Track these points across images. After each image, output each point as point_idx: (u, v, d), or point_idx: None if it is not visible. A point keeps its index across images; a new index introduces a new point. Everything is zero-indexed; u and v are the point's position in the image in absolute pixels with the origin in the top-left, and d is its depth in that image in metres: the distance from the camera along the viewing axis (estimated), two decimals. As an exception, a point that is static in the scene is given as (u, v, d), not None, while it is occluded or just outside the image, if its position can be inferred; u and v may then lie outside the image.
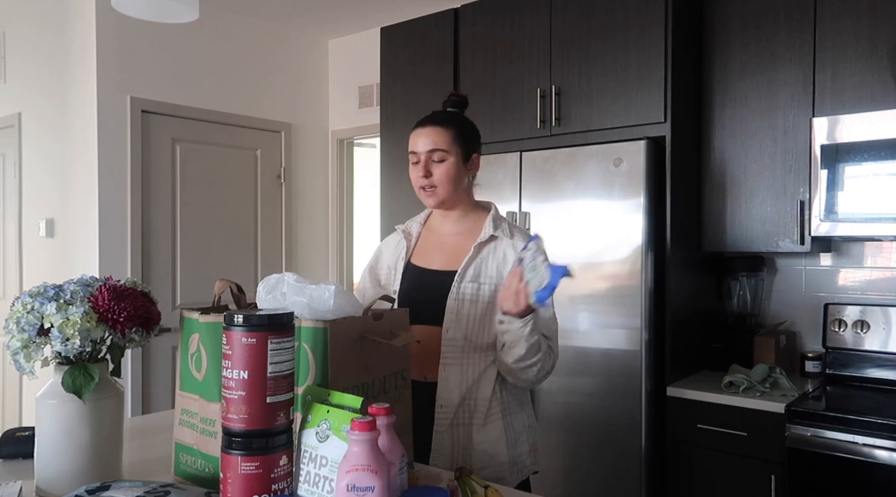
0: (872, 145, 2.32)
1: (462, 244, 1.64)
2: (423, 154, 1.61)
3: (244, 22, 4.00)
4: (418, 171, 1.62)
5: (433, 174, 1.60)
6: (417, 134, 1.65)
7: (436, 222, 1.72)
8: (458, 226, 1.68)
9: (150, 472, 1.25)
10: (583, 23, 2.70)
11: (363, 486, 0.88)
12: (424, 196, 1.63)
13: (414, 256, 1.69)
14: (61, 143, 3.63)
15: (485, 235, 1.62)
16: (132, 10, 1.75)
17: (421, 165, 1.61)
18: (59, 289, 1.15)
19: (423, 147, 1.62)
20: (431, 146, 1.61)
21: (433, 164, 1.61)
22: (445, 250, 1.66)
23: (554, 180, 2.65)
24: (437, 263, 1.64)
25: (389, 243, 1.78)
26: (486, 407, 1.56)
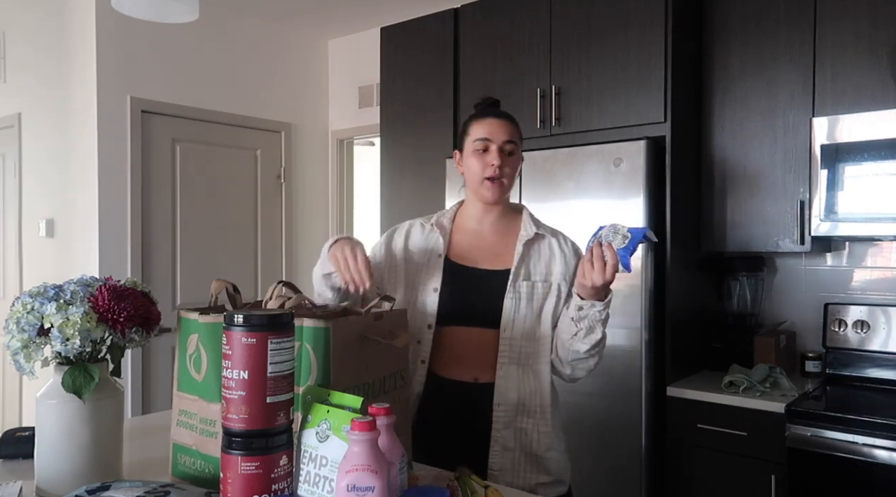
0: (872, 145, 2.32)
1: (503, 243, 1.60)
2: (498, 143, 1.54)
3: (244, 22, 4.00)
4: (489, 160, 1.54)
5: (505, 164, 1.54)
6: (491, 123, 1.56)
7: (472, 219, 1.64)
8: (497, 224, 1.62)
9: (150, 472, 1.25)
10: (583, 23, 2.70)
11: (363, 486, 0.88)
12: (488, 187, 1.55)
13: (452, 254, 1.60)
14: (61, 144, 3.63)
15: (530, 233, 1.59)
16: (132, 10, 1.75)
17: (494, 154, 1.53)
18: (59, 289, 1.15)
19: (500, 136, 1.54)
20: (508, 137, 1.55)
21: (504, 156, 1.55)
22: (487, 249, 1.60)
23: (554, 180, 2.65)
24: (484, 263, 1.58)
25: (413, 235, 1.66)
26: (548, 403, 1.56)
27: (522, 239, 1.59)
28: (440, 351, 1.55)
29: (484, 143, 1.54)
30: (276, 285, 1.29)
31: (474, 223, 1.63)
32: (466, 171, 1.59)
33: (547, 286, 1.55)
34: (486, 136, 1.54)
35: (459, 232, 1.64)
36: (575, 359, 1.52)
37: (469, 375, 1.54)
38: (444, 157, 3.05)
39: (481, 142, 1.55)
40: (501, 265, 1.57)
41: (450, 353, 1.55)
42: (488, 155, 1.54)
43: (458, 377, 1.54)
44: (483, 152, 1.55)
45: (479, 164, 1.55)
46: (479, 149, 1.55)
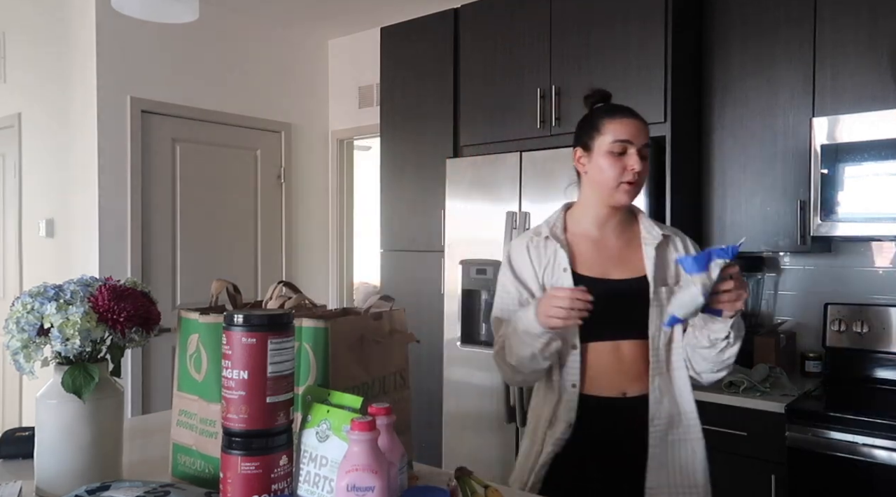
0: (872, 145, 2.32)
1: (627, 248, 1.52)
2: (639, 146, 1.45)
3: (244, 22, 4.00)
4: (630, 164, 1.44)
5: (642, 170, 1.46)
6: (631, 124, 1.46)
7: (591, 225, 1.53)
8: (619, 228, 1.53)
9: (150, 472, 1.25)
10: (583, 23, 2.70)
11: (363, 486, 0.88)
12: (625, 191, 1.46)
13: (577, 266, 1.49)
14: (61, 143, 3.63)
15: (656, 236, 1.51)
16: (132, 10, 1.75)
17: (635, 158, 1.44)
18: (59, 289, 1.15)
19: (640, 139, 1.45)
20: (646, 140, 1.46)
21: (642, 159, 1.46)
22: (614, 257, 1.51)
23: (554, 180, 2.65)
24: (614, 272, 1.49)
25: (531, 252, 1.54)
26: (695, 410, 1.50)
27: (650, 242, 1.50)
28: (584, 369, 1.47)
29: (623, 145, 1.45)
30: (276, 285, 1.29)
31: (595, 229, 1.53)
32: (596, 172, 1.48)
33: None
34: (628, 138, 1.45)
35: (577, 240, 1.53)
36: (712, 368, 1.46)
37: (616, 390, 1.47)
38: (445, 156, 3.05)
39: (621, 144, 1.45)
40: (633, 272, 1.48)
41: (595, 370, 1.47)
42: (628, 158, 1.44)
43: (606, 393, 1.47)
44: (620, 155, 1.45)
45: (617, 166, 1.45)
46: (616, 151, 1.45)
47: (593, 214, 1.53)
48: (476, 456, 2.85)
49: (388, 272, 3.37)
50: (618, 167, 1.45)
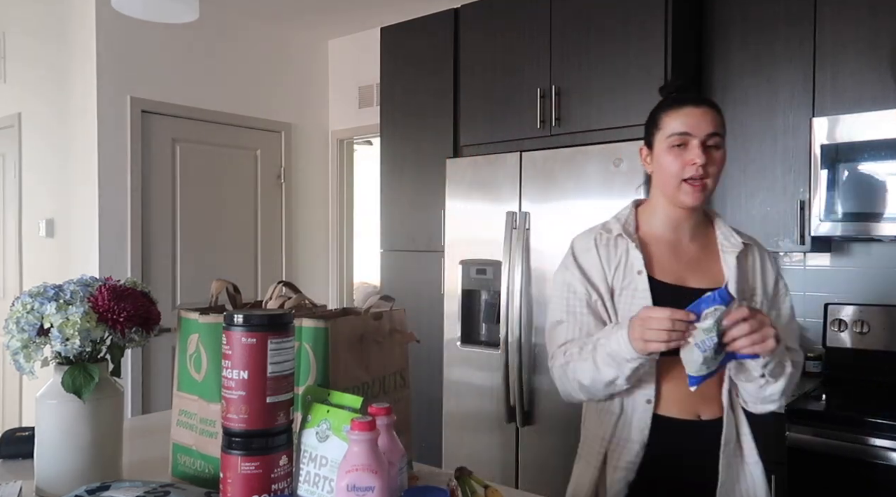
0: (872, 145, 2.32)
1: (704, 254, 1.40)
2: (700, 137, 1.30)
3: (244, 22, 4.00)
4: (690, 157, 1.30)
5: (709, 162, 1.31)
6: (690, 113, 1.32)
7: (666, 227, 1.40)
8: (694, 231, 1.40)
9: (150, 472, 1.25)
10: (583, 23, 2.70)
11: (363, 486, 0.88)
12: (688, 191, 1.32)
13: (652, 270, 1.36)
14: (61, 143, 3.63)
15: (736, 243, 1.39)
16: (132, 10, 1.75)
17: (696, 151, 1.30)
18: (59, 289, 1.15)
19: (703, 128, 1.31)
20: (712, 128, 1.31)
21: (709, 151, 1.31)
22: (691, 263, 1.38)
23: (554, 180, 2.65)
24: (691, 280, 1.36)
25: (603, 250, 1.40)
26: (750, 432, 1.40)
27: (729, 250, 1.38)
28: (659, 386, 1.35)
29: (682, 137, 1.31)
30: (276, 285, 1.29)
31: (669, 231, 1.40)
32: (658, 170, 1.37)
33: (756, 303, 1.37)
34: (685, 130, 1.31)
35: (650, 240, 1.40)
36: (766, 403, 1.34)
37: (690, 412, 1.35)
38: (444, 156, 3.05)
39: (679, 137, 1.32)
40: (711, 282, 1.35)
41: (669, 387, 1.35)
42: (688, 152, 1.31)
43: (678, 414, 1.35)
44: (681, 148, 1.32)
45: (677, 162, 1.32)
46: (675, 144, 1.32)
47: (664, 215, 1.40)
48: (476, 456, 2.85)
49: (388, 272, 3.37)
50: (678, 163, 1.32)
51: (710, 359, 1.16)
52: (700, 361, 1.17)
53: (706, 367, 1.18)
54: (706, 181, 1.32)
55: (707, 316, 1.15)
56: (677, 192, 1.34)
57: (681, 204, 1.35)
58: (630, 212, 1.44)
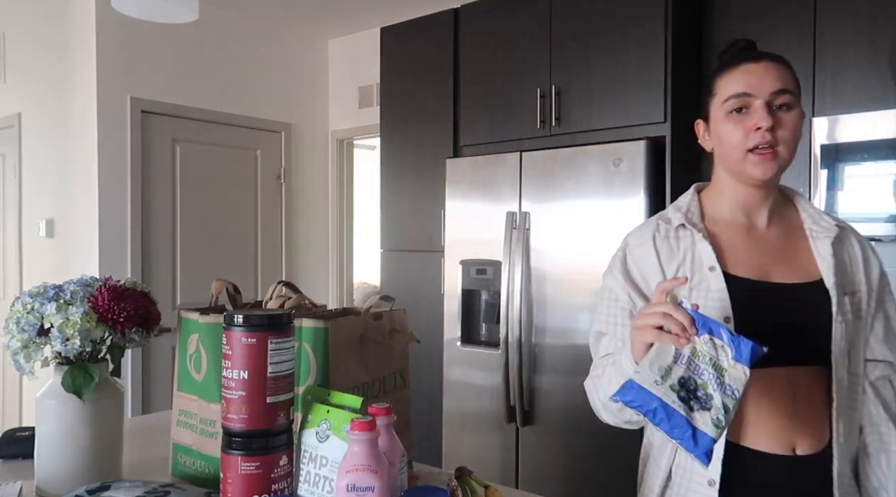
0: (872, 145, 2.32)
1: (788, 242, 1.15)
2: (764, 96, 1.07)
3: (244, 22, 4.00)
4: (754, 121, 1.07)
5: (779, 126, 1.07)
6: (750, 69, 1.09)
7: (737, 211, 1.16)
8: (773, 214, 1.16)
9: (150, 472, 1.25)
10: (583, 23, 2.70)
11: (363, 486, 0.88)
12: (755, 162, 1.08)
13: (726, 263, 1.12)
14: (61, 143, 3.63)
15: (830, 227, 1.14)
16: (132, 10, 1.75)
17: (760, 112, 1.06)
18: (59, 289, 1.15)
19: (767, 85, 1.07)
20: (779, 84, 1.08)
21: (777, 113, 1.08)
22: (773, 253, 1.13)
23: (554, 180, 2.65)
24: (777, 273, 1.11)
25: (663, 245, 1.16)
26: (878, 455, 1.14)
27: (821, 236, 1.13)
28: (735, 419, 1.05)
29: (741, 100, 1.09)
30: (276, 285, 1.29)
31: (742, 216, 1.16)
32: (718, 144, 1.14)
33: (860, 300, 1.13)
34: (744, 90, 1.08)
35: (720, 229, 1.16)
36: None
37: (783, 445, 1.07)
38: (444, 157, 3.05)
39: (737, 99, 1.09)
40: (803, 275, 1.11)
41: (754, 409, 1.08)
42: (750, 116, 1.08)
43: (768, 448, 1.07)
44: (741, 114, 1.09)
45: (738, 130, 1.09)
46: (733, 109, 1.10)
47: (733, 196, 1.16)
48: (476, 456, 2.85)
49: (388, 272, 3.37)
50: (739, 131, 1.09)
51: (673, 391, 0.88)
52: (658, 369, 0.90)
53: (660, 393, 0.88)
54: (777, 149, 1.07)
55: (711, 345, 0.91)
56: (743, 165, 1.09)
57: (749, 179, 1.10)
58: (692, 198, 1.20)
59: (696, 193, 1.22)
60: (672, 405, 0.86)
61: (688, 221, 1.15)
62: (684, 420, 0.86)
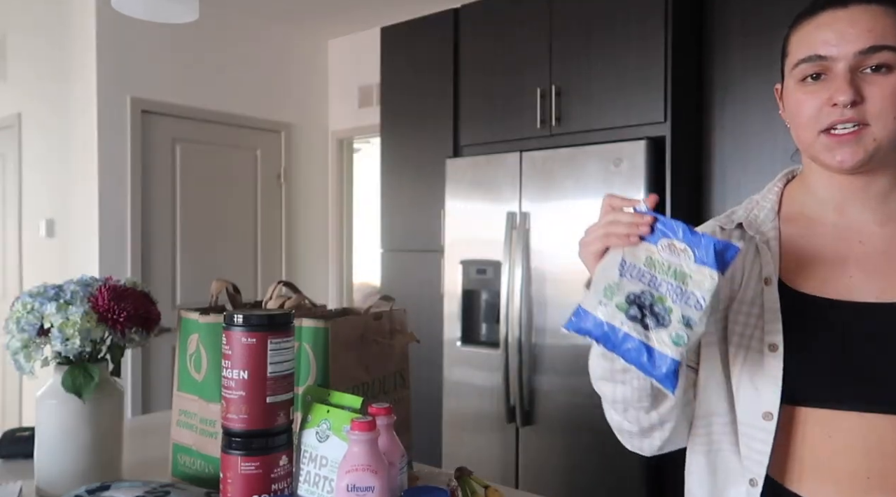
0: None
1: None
2: (848, 57, 0.79)
3: (244, 22, 4.00)
4: (829, 93, 0.80)
5: (867, 97, 0.79)
6: (830, 20, 0.82)
7: (823, 205, 0.89)
8: (879, 210, 0.86)
9: (150, 472, 1.25)
10: (583, 23, 2.70)
11: (363, 486, 0.88)
12: (829, 144, 0.82)
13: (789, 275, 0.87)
14: (61, 143, 3.63)
15: None
16: (132, 10, 1.75)
17: (840, 81, 0.79)
18: (59, 289, 1.15)
19: (853, 42, 0.79)
20: (870, 40, 0.78)
21: (865, 78, 0.79)
22: (867, 261, 0.84)
23: (554, 180, 2.65)
24: (868, 290, 0.82)
25: None
26: None
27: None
28: (789, 458, 0.83)
29: (816, 64, 0.82)
30: (276, 285, 1.29)
31: (830, 211, 0.88)
32: (789, 120, 0.89)
33: None
34: (817, 52, 0.81)
35: (797, 230, 0.90)
36: None
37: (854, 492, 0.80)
38: (444, 156, 3.05)
39: (809, 64, 0.82)
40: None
41: (812, 464, 0.82)
42: (826, 84, 0.81)
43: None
44: (818, 80, 0.82)
45: (810, 104, 0.82)
46: (806, 76, 0.83)
47: (819, 188, 0.89)
48: (476, 456, 2.85)
49: (388, 272, 3.37)
50: (811, 104, 0.82)
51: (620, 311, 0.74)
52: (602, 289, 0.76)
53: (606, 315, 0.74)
54: (867, 129, 0.79)
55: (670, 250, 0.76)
56: (815, 150, 0.84)
57: (831, 167, 0.83)
58: (773, 187, 0.95)
59: (784, 181, 0.95)
60: (620, 326, 0.74)
61: (748, 221, 0.91)
62: (637, 341, 0.73)
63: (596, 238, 0.78)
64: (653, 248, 0.76)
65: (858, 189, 0.86)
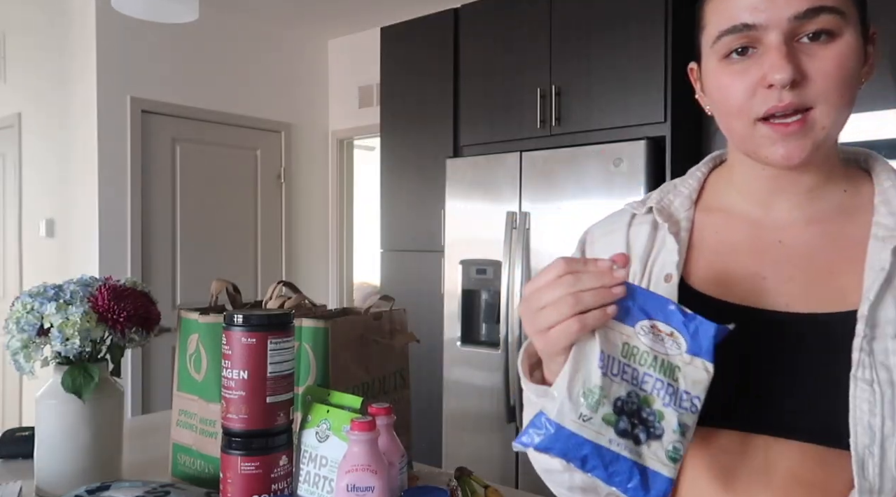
0: (872, 145, 2.31)
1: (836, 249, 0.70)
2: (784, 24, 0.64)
3: (244, 22, 4.00)
4: (761, 69, 0.65)
5: (809, 74, 0.64)
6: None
7: (749, 199, 0.75)
8: (815, 202, 0.72)
9: (150, 472, 1.25)
10: (583, 23, 2.70)
11: (363, 486, 0.88)
12: (770, 136, 0.66)
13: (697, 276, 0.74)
14: (61, 143, 3.63)
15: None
16: (132, 10, 1.75)
17: (774, 55, 0.64)
18: (59, 289, 1.15)
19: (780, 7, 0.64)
20: (804, 4, 0.64)
21: (803, 49, 0.65)
22: (794, 263, 0.70)
23: (554, 180, 2.65)
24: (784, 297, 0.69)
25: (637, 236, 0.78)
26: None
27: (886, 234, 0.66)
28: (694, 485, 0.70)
29: (741, 35, 0.66)
30: (276, 285, 1.29)
31: (756, 206, 0.75)
32: (713, 104, 0.74)
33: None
34: (742, 21, 0.65)
35: (715, 224, 0.77)
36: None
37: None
38: (444, 156, 3.05)
39: (734, 35, 0.66)
40: (832, 301, 0.67)
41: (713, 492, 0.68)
42: (757, 60, 0.66)
43: None
44: (745, 56, 0.67)
45: (741, 85, 0.67)
46: (731, 51, 0.68)
47: (742, 177, 0.76)
48: (476, 456, 2.85)
49: (388, 272, 3.37)
50: (740, 87, 0.67)
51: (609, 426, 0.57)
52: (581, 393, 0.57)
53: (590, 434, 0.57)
54: (812, 114, 0.65)
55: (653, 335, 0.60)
56: (752, 143, 0.68)
57: (770, 162, 0.68)
58: (696, 172, 0.82)
59: (710, 166, 0.83)
60: (610, 447, 0.57)
61: (660, 206, 0.78)
62: (629, 463, 0.57)
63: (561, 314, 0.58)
64: (629, 332, 0.59)
65: (789, 183, 0.72)
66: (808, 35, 0.65)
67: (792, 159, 0.66)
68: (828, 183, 0.72)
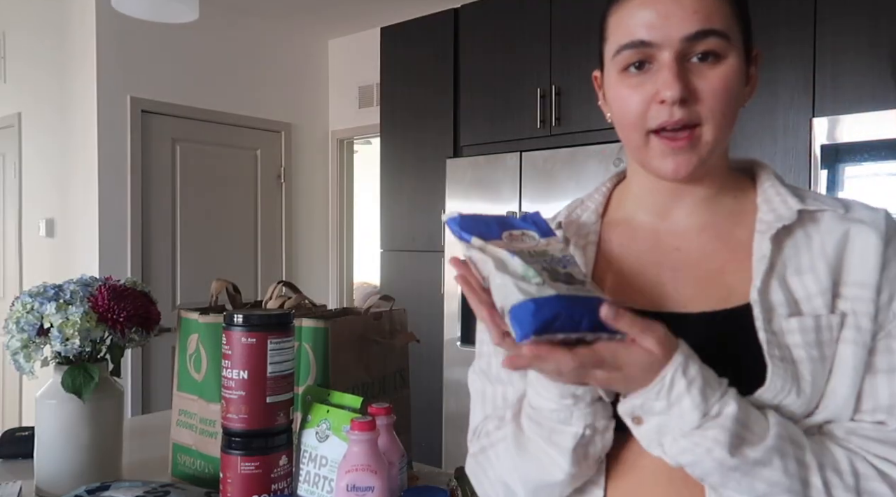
0: (872, 145, 2.32)
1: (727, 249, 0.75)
2: (674, 45, 0.68)
3: (244, 22, 4.00)
4: (655, 85, 0.69)
5: (697, 93, 0.68)
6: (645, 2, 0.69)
7: (646, 209, 0.80)
8: (708, 210, 0.77)
9: (149, 472, 1.25)
10: (583, 23, 2.70)
11: (363, 486, 0.88)
12: (662, 149, 0.70)
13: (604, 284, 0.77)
14: (61, 143, 3.63)
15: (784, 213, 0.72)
16: (132, 10, 1.75)
17: (666, 73, 0.68)
18: (59, 289, 1.15)
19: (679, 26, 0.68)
20: (699, 25, 0.67)
21: (693, 69, 0.69)
22: (689, 266, 0.75)
23: (554, 180, 2.65)
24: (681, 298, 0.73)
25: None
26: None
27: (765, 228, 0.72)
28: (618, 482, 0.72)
29: (638, 51, 0.70)
30: (276, 285, 1.29)
31: (650, 215, 0.79)
32: (613, 114, 0.76)
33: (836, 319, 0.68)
34: (639, 37, 0.69)
35: (616, 235, 0.81)
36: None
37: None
38: (444, 156, 3.05)
39: (632, 51, 0.70)
40: (733, 299, 0.71)
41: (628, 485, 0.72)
42: (652, 76, 0.70)
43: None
44: (641, 70, 0.70)
45: (636, 98, 0.70)
46: (629, 66, 0.71)
47: (641, 190, 0.80)
48: (476, 456, 2.85)
49: (388, 272, 3.37)
50: (635, 100, 0.71)
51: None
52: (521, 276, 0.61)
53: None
54: (699, 130, 0.69)
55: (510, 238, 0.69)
56: (644, 153, 0.72)
57: (661, 174, 0.72)
58: (602, 187, 0.86)
59: (615, 181, 0.86)
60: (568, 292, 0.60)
61: (567, 221, 0.83)
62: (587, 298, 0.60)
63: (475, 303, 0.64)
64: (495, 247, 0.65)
65: (684, 193, 0.77)
66: (697, 56, 0.69)
67: (679, 172, 0.71)
68: (720, 192, 0.77)
